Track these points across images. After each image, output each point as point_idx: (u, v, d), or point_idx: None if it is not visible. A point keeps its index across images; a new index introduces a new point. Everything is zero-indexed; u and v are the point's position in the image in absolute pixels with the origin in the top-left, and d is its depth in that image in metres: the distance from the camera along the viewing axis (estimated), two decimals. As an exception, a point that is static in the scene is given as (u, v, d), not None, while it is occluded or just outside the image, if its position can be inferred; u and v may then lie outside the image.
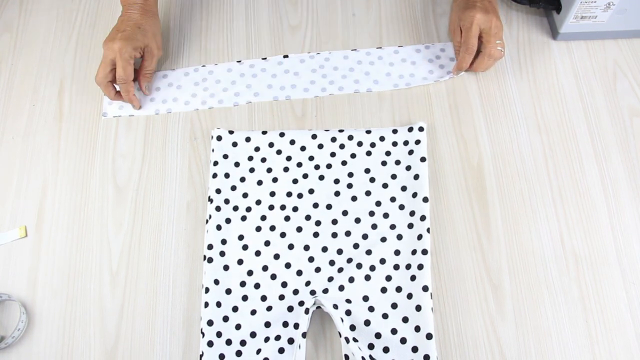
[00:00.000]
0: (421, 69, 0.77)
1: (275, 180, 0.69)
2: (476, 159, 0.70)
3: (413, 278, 0.62)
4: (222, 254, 0.65)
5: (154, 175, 0.71)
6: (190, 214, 0.69)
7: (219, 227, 0.66)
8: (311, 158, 0.70)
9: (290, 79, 0.77)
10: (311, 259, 0.65)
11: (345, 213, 0.67)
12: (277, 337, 0.61)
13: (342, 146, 0.70)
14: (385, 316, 0.61)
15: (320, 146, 0.71)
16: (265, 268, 0.64)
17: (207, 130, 0.74)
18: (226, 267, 0.64)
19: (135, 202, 0.70)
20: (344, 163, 0.70)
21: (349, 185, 0.68)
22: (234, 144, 0.71)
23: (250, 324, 0.62)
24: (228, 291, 0.63)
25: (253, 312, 0.62)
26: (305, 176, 0.69)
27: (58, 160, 0.73)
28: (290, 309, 0.62)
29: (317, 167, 0.69)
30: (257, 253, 0.65)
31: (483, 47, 0.72)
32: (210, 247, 0.65)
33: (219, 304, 0.62)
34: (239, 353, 0.60)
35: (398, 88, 0.75)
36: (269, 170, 0.70)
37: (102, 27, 0.83)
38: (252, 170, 0.70)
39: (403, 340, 0.60)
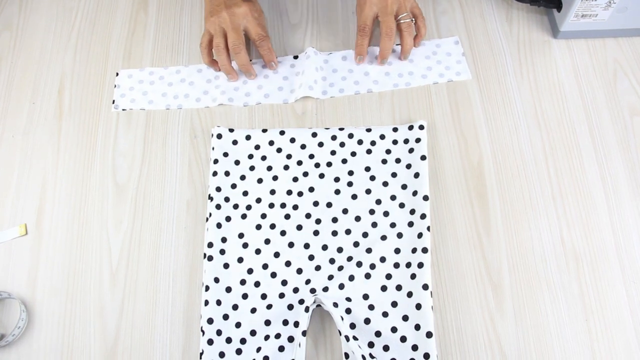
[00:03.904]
0: (419, 66, 0.77)
1: (275, 178, 0.69)
2: (476, 157, 0.70)
3: (413, 276, 0.62)
4: (222, 252, 0.65)
5: (154, 174, 0.71)
6: (190, 212, 0.69)
7: (219, 225, 0.66)
8: (311, 156, 0.70)
9: (299, 81, 0.76)
10: (311, 257, 0.65)
11: (345, 211, 0.67)
12: (277, 335, 0.61)
13: (342, 144, 0.70)
14: (385, 314, 0.61)
15: (321, 144, 0.71)
16: (265, 266, 0.64)
17: (207, 128, 0.74)
18: (226, 265, 0.64)
19: (135, 201, 0.70)
20: (344, 161, 0.69)
21: (349, 184, 0.68)
22: (234, 142, 0.71)
23: (250, 322, 0.62)
24: (228, 289, 0.63)
25: (253, 310, 0.62)
26: (305, 174, 0.69)
27: (58, 158, 0.73)
28: (290, 307, 0.62)
29: (317, 165, 0.69)
30: (257, 251, 0.65)
31: (380, 26, 0.73)
32: (210, 245, 0.65)
33: (219, 302, 0.62)
34: (239, 351, 0.60)
35: (398, 88, 0.75)
36: (269, 168, 0.70)
37: (102, 25, 0.83)
38: (252, 168, 0.70)
39: (403, 339, 0.60)
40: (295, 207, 0.67)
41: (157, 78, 0.78)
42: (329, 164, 0.69)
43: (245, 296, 0.63)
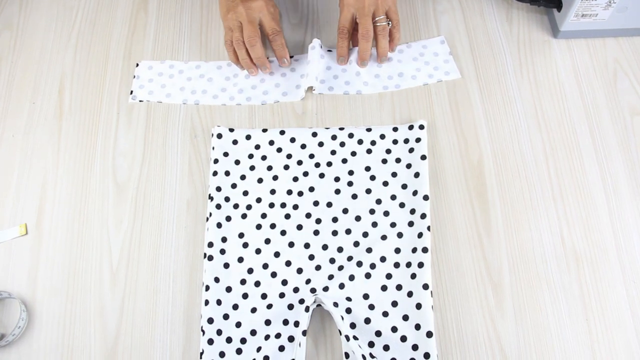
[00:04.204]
0: (408, 67, 0.76)
1: (275, 178, 0.69)
2: (476, 157, 0.70)
3: (413, 276, 0.62)
4: (223, 251, 0.65)
5: (154, 173, 0.71)
6: (190, 211, 0.69)
7: (219, 225, 0.66)
8: (311, 156, 0.70)
9: (307, 71, 0.76)
10: (311, 257, 0.65)
11: (345, 211, 0.67)
12: (278, 335, 0.61)
13: (342, 144, 0.70)
14: (385, 314, 0.61)
15: (321, 144, 0.71)
16: (265, 266, 0.64)
17: (207, 127, 0.74)
18: (226, 265, 0.64)
19: (136, 200, 0.70)
20: (344, 161, 0.69)
21: (350, 183, 0.68)
22: (234, 142, 0.71)
23: (250, 321, 0.62)
24: (228, 289, 0.63)
25: (253, 310, 0.62)
26: (305, 174, 0.69)
27: (58, 158, 0.73)
28: (290, 306, 0.62)
29: (317, 165, 0.69)
30: (258, 251, 0.65)
31: (358, 28, 0.73)
32: (210, 245, 0.65)
33: (219, 302, 0.62)
34: (239, 351, 0.60)
35: (388, 90, 0.75)
36: (269, 168, 0.70)
37: (102, 24, 0.83)
38: (252, 168, 0.70)
39: (403, 338, 0.60)
40: (295, 207, 0.67)
41: (177, 72, 0.78)
42: (329, 164, 0.69)
43: (245, 296, 0.63)
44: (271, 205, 0.67)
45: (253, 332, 0.61)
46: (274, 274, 0.64)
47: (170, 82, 0.77)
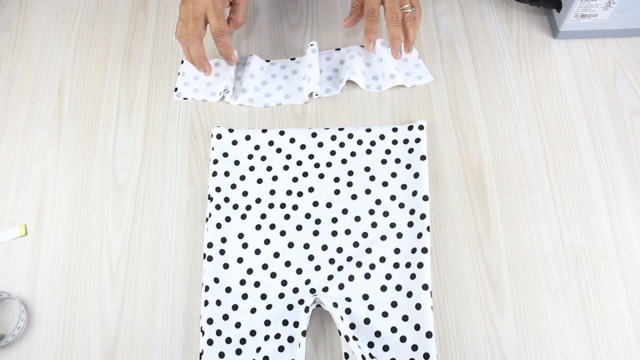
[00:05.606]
0: (388, 68, 0.75)
1: (275, 178, 0.69)
2: (476, 158, 0.70)
3: (413, 276, 0.62)
4: (222, 252, 0.65)
5: (154, 174, 0.71)
6: (190, 212, 0.69)
7: (218, 226, 0.66)
8: (311, 156, 0.70)
9: (309, 75, 0.76)
10: (311, 258, 0.65)
11: (345, 211, 0.67)
12: (277, 336, 0.61)
13: (342, 144, 0.70)
14: (385, 314, 0.61)
15: (320, 144, 0.71)
16: (265, 266, 0.64)
17: (207, 128, 0.74)
18: (226, 266, 0.64)
19: (135, 201, 0.70)
20: (343, 161, 0.69)
21: (349, 184, 0.68)
22: (234, 142, 0.71)
23: (250, 322, 0.62)
24: (228, 289, 0.63)
25: (253, 311, 0.62)
26: (305, 174, 0.69)
27: (58, 158, 0.73)
28: (290, 307, 0.62)
29: (317, 165, 0.69)
30: (257, 251, 0.65)
31: (385, 13, 0.71)
32: (210, 245, 0.65)
33: (218, 303, 0.62)
34: (238, 351, 0.60)
35: (369, 90, 0.75)
36: (269, 168, 0.70)
37: (102, 25, 0.83)
38: (252, 168, 0.70)
39: (403, 339, 0.60)
40: (295, 207, 0.67)
41: (222, 70, 0.77)
42: (329, 164, 0.69)
43: (245, 296, 0.63)
44: (271, 205, 0.67)
45: (253, 333, 0.61)
46: (273, 275, 0.64)
47: (215, 81, 0.77)
